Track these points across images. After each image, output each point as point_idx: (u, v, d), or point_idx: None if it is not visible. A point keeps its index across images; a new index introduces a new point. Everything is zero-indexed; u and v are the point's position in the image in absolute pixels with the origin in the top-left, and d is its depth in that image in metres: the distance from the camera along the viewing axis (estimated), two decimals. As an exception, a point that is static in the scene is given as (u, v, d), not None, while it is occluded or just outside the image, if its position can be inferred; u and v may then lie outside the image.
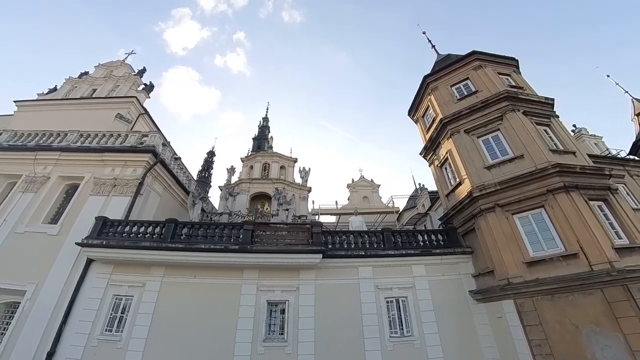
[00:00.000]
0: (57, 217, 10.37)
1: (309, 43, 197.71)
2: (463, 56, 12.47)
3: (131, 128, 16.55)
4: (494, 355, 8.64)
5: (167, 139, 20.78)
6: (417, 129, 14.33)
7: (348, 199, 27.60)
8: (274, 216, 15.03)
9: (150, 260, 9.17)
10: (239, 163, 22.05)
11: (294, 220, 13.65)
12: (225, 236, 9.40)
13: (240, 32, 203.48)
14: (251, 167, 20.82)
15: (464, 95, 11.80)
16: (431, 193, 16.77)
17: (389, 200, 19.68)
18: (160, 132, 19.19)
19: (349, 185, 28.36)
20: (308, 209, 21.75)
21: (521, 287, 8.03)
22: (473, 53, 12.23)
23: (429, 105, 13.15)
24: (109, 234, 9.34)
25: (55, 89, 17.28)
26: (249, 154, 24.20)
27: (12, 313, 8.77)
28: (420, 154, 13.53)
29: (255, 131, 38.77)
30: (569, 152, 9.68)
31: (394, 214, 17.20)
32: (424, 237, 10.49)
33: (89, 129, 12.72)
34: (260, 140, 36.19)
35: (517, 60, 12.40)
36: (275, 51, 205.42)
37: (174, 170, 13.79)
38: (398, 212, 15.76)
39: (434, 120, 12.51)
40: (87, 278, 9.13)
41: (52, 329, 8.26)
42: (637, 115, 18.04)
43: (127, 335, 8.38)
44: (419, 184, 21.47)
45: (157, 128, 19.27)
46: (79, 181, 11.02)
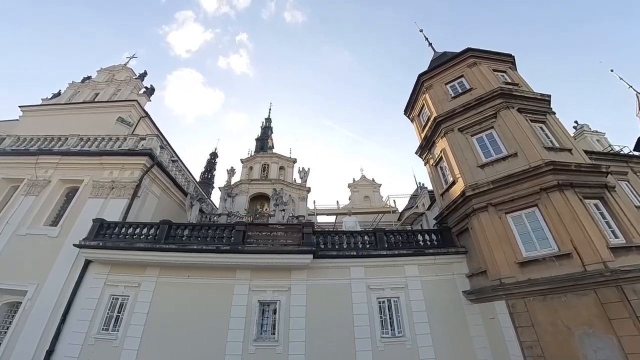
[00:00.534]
0: (57, 220, 10.68)
1: (311, 43, 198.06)
2: (457, 53, 12.31)
3: (132, 131, 16.85)
4: (487, 356, 8.53)
5: (169, 141, 21.19)
6: (413, 127, 14.21)
7: (349, 199, 27.55)
8: (272, 217, 15.16)
9: (145, 261, 9.37)
10: (240, 164, 22.26)
11: (289, 221, 13.74)
12: (218, 237, 9.53)
13: (242, 33, 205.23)
14: (251, 168, 20.99)
15: (459, 93, 11.65)
16: (431, 192, 16.58)
17: (386, 200, 19.59)
18: (160, 134, 19.70)
19: (349, 185, 28.28)
20: (309, 209, 21.85)
21: (513, 288, 7.91)
22: (468, 50, 12.06)
23: (424, 104, 13.03)
24: (106, 236, 9.58)
25: (59, 94, 17.77)
26: (250, 154, 24.30)
27: (14, 313, 9.08)
28: (416, 153, 13.42)
29: (258, 132, 39.09)
30: (565, 149, 9.47)
31: (393, 214, 17.09)
32: (417, 237, 10.41)
33: (92, 132, 13.04)
34: (263, 140, 36.32)
35: (513, 57, 12.17)
36: (277, 52, 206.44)
37: (172, 173, 14.01)
38: (395, 212, 15.65)
39: (428, 119, 12.39)
40: (85, 278, 9.38)
41: (52, 328, 8.52)
42: (644, 110, 17.48)
43: (123, 334, 8.57)
44: (419, 183, 21.31)
45: (158, 131, 19.60)
46: (78, 184, 11.33)
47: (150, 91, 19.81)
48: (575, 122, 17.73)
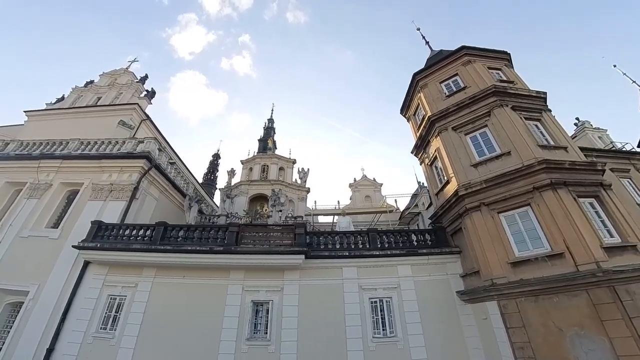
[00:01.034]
0: (58, 222, 10.99)
1: (313, 43, 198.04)
2: (452, 52, 12.19)
3: (134, 134, 17.16)
4: (480, 357, 8.46)
5: (173, 143, 21.50)
6: (409, 127, 14.13)
7: (350, 199, 27.49)
8: (270, 217, 15.27)
9: (141, 262, 9.58)
10: (240, 165, 22.46)
11: (286, 221, 13.81)
12: (212, 238, 9.68)
13: (245, 34, 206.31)
14: (250, 169, 21.16)
15: (453, 91, 11.54)
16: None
17: (384, 200, 19.51)
18: (162, 137, 20.03)
19: (351, 185, 28.18)
20: (309, 209, 21.91)
21: (504, 288, 7.83)
22: (462, 48, 11.93)
23: (419, 103, 12.94)
24: (104, 237, 9.82)
25: (62, 99, 18.21)
26: (251, 155, 24.44)
27: (16, 312, 9.39)
28: (412, 152, 13.35)
29: (261, 133, 39.31)
30: (560, 147, 9.31)
31: (395, 214, 16.99)
32: (410, 237, 10.37)
33: (94, 136, 13.36)
34: (265, 141, 36.64)
35: (508, 54, 11.99)
36: (280, 52, 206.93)
37: (171, 175, 14.26)
38: (394, 211, 15.58)
39: (423, 118, 12.30)
40: (85, 279, 9.65)
41: (52, 327, 8.81)
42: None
43: (120, 333, 8.80)
44: (420, 183, 21.11)
45: (159, 133, 19.92)
46: (78, 187, 11.63)
47: (151, 94, 20.13)
48: (577, 118, 17.36)
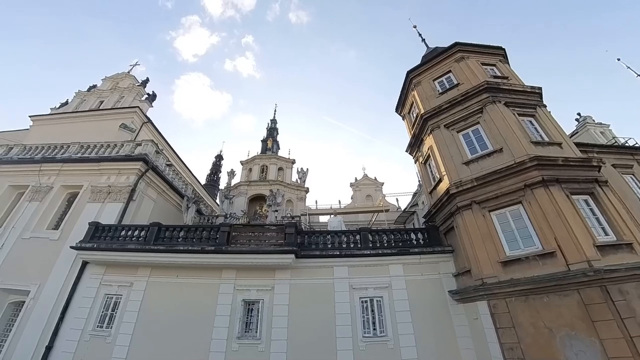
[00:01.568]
0: (59, 224, 11.32)
1: (317, 43, 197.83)
2: (445, 48, 12.02)
3: (135, 137, 17.53)
4: (471, 357, 8.35)
5: (176, 145, 21.98)
6: (404, 125, 14.00)
7: (351, 198, 27.44)
8: (267, 217, 15.39)
9: (136, 262, 9.80)
10: (240, 166, 22.68)
11: (281, 221, 13.88)
12: (204, 238, 9.82)
13: (248, 35, 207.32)
14: (250, 170, 21.35)
15: (446, 88, 11.38)
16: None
17: (381, 199, 19.41)
18: (163, 139, 20.41)
19: (352, 184, 28.13)
20: (310, 208, 21.96)
21: (494, 288, 7.70)
22: (455, 45, 11.75)
23: (413, 101, 12.81)
24: (100, 238, 10.08)
25: (66, 103, 18.74)
26: (251, 156, 24.71)
27: (18, 311, 9.72)
28: (406, 150, 13.24)
29: (264, 133, 39.60)
30: (554, 143, 9.08)
31: (392, 212, 16.88)
32: (403, 237, 10.29)
33: (97, 139, 13.71)
34: (272, 142, 36.93)
35: (503, 49, 11.75)
36: (284, 53, 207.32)
37: (169, 176, 14.51)
38: (387, 210, 15.49)
39: (417, 116, 12.18)
40: (83, 279, 9.94)
41: (51, 325, 9.11)
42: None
43: (116, 331, 9.03)
44: (420, 181, 20.88)
45: (160, 135, 20.30)
46: (78, 189, 11.96)
47: (152, 97, 20.49)
48: (578, 114, 16.82)
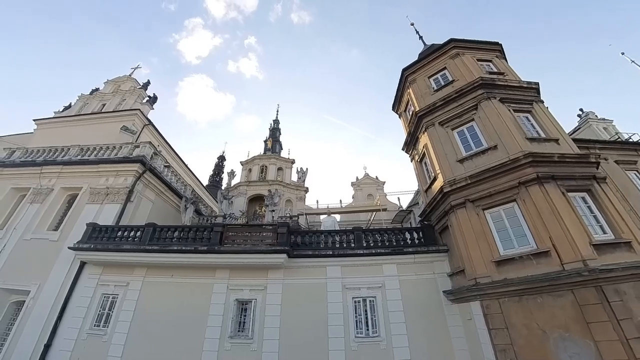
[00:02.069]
0: (59, 225, 11.55)
1: (319, 43, 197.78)
2: (440, 45, 11.83)
3: (136, 139, 17.76)
4: (465, 359, 8.20)
5: (176, 147, 22.13)
6: (401, 123, 13.85)
7: (352, 197, 27.31)
8: (265, 217, 15.43)
9: (132, 262, 9.94)
10: (240, 167, 22.80)
11: (278, 221, 13.90)
12: (198, 238, 9.89)
13: (251, 37, 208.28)
14: (250, 170, 21.45)
15: (441, 85, 11.21)
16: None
17: (377, 198, 19.27)
18: (164, 140, 20.65)
19: (353, 184, 27.97)
20: (311, 208, 21.94)
21: (487, 288, 7.54)
22: (450, 41, 11.55)
23: (409, 99, 12.66)
24: (98, 239, 10.25)
25: (69, 106, 19.12)
26: (249, 156, 24.79)
27: (19, 311, 9.96)
28: (403, 149, 13.08)
29: (267, 134, 39.76)
30: (551, 139, 8.85)
31: (389, 212, 16.71)
32: (397, 236, 10.17)
33: (99, 141, 13.96)
34: (272, 142, 37.07)
35: (500, 45, 11.49)
36: (286, 53, 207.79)
37: (168, 177, 14.67)
38: (385, 210, 15.34)
39: (412, 114, 12.04)
40: (81, 279, 10.12)
41: (50, 324, 9.30)
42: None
43: (112, 330, 9.18)
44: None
45: (161, 137, 20.55)
46: (78, 191, 12.19)
47: (152, 100, 20.75)
48: (580, 109, 16.26)
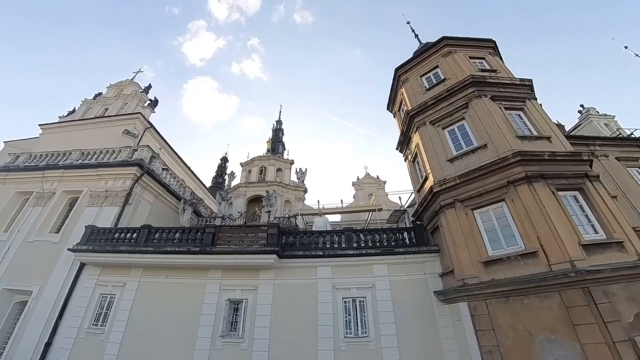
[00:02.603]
0: (60, 227, 11.94)
1: (322, 42, 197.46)
2: (432, 43, 11.71)
3: (138, 142, 18.12)
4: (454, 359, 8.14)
5: (178, 149, 22.51)
6: (395, 123, 13.77)
7: (353, 197, 27.24)
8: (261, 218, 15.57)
9: (128, 262, 10.20)
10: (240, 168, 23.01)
11: (273, 222, 14.01)
12: (191, 239, 10.09)
13: (254, 38, 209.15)
14: (249, 172, 21.64)
15: (433, 84, 11.10)
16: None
17: (372, 199, 19.18)
18: (166, 143, 21.02)
19: (354, 183, 27.87)
20: (312, 208, 21.98)
21: (474, 289, 7.47)
22: (443, 39, 11.41)
23: (402, 99, 12.58)
24: (96, 241, 10.56)
25: (74, 111, 19.68)
26: (249, 157, 24.90)
27: (22, 310, 10.35)
28: (397, 148, 13.01)
29: (270, 135, 40.02)
30: (543, 137, 8.67)
31: (384, 212, 16.62)
32: (389, 236, 10.15)
33: (102, 145, 14.34)
34: (274, 142, 37.29)
35: (493, 42, 11.29)
36: (289, 54, 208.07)
37: (166, 180, 14.95)
38: (381, 209, 15.28)
39: (404, 113, 11.96)
40: (80, 279, 10.45)
41: (51, 323, 9.63)
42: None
43: (109, 329, 9.45)
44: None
45: (163, 140, 20.95)
46: (78, 194, 12.57)
47: (154, 103, 21.17)
48: (581, 105, 15.82)
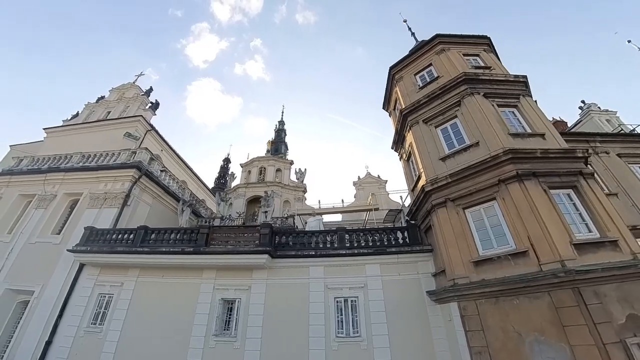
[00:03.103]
0: (61, 229, 12.24)
1: (324, 42, 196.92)
2: (426, 41, 11.60)
3: (139, 144, 18.41)
4: (447, 360, 8.07)
5: (180, 151, 22.83)
6: (391, 122, 13.68)
7: (354, 197, 27.18)
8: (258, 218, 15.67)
9: (125, 263, 10.41)
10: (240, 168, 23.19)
11: (270, 222, 14.09)
12: (186, 240, 10.23)
13: (257, 39, 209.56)
14: (249, 172, 21.76)
15: (426, 82, 10.99)
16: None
17: (369, 198, 19.07)
18: (167, 145, 21.34)
19: (355, 183, 27.84)
20: (312, 208, 22.01)
21: (464, 289, 7.39)
22: (436, 37, 11.29)
23: (396, 97, 12.49)
24: (94, 242, 10.80)
25: (77, 115, 20.12)
26: (249, 158, 25.05)
27: (25, 310, 10.65)
28: (392, 147, 12.92)
29: (272, 135, 40.20)
30: (537, 134, 8.51)
31: (376, 211, 16.52)
32: (382, 236, 10.10)
33: (105, 148, 14.64)
34: (277, 143, 37.46)
35: (488, 38, 11.11)
36: (292, 54, 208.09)
37: (165, 181, 15.18)
38: (377, 209, 15.21)
39: (398, 112, 11.87)
40: (80, 279, 10.70)
41: (51, 322, 9.90)
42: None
43: (107, 328, 9.68)
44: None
45: (164, 142, 21.27)
46: (79, 197, 12.87)
47: (155, 106, 21.45)
48: (582, 101, 15.39)
